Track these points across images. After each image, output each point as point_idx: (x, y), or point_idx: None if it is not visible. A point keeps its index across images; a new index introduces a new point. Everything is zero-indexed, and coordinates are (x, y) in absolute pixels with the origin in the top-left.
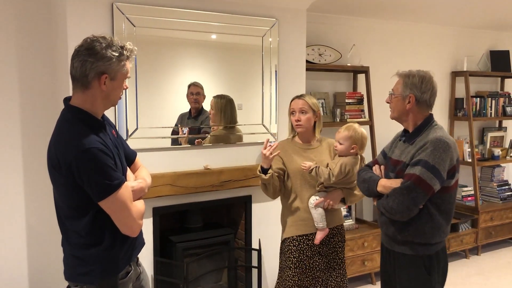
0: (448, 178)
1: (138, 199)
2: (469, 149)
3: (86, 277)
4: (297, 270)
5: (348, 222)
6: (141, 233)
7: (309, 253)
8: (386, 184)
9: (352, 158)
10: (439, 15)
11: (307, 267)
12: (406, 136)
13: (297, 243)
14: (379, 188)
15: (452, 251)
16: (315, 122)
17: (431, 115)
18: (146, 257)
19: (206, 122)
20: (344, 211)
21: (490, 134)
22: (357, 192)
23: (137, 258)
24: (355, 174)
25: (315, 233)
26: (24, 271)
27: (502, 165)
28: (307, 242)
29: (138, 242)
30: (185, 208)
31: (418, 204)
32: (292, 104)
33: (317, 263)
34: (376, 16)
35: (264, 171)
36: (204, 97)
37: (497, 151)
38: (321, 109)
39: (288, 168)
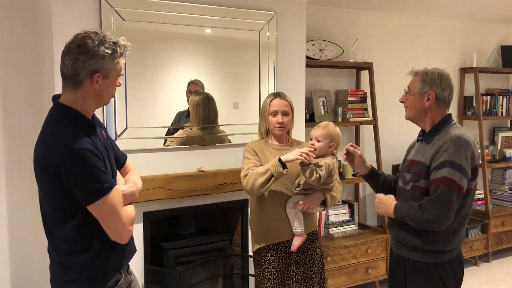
0: (471, 179)
1: (129, 204)
2: (479, 150)
3: (74, 285)
4: (276, 281)
5: (351, 228)
6: (132, 240)
7: (287, 260)
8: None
9: (332, 158)
10: (447, 8)
11: (286, 276)
12: (423, 136)
13: (274, 252)
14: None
15: None
16: None
17: (449, 115)
18: (136, 265)
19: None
20: (346, 216)
21: (501, 134)
22: (335, 193)
23: (128, 266)
24: (336, 173)
25: (291, 240)
26: (6, 279)
27: None
28: (285, 250)
29: (128, 249)
30: (177, 212)
31: (455, 208)
32: (271, 104)
33: (294, 273)
34: (380, 9)
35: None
36: None
37: (509, 152)
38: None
39: None
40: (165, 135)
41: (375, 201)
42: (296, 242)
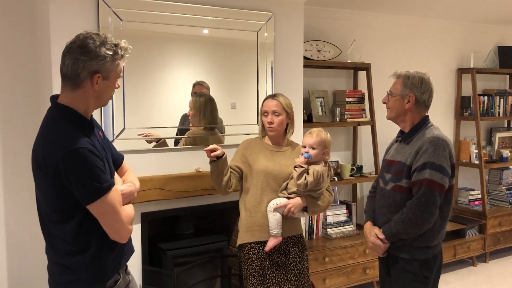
0: (451, 176)
1: (127, 203)
2: (476, 151)
3: (72, 286)
4: (261, 278)
5: (348, 228)
6: (130, 240)
7: (268, 262)
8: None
9: (324, 166)
10: (444, 9)
11: (269, 276)
12: (402, 137)
13: (256, 251)
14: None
15: (459, 258)
16: (287, 124)
17: (427, 116)
18: (134, 266)
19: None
20: (344, 216)
21: (498, 135)
22: (321, 203)
23: (126, 266)
24: (325, 182)
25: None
26: (3, 280)
27: (511, 167)
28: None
29: (127, 249)
30: (175, 213)
31: (438, 206)
32: (264, 104)
33: (274, 274)
34: (378, 10)
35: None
36: None
37: (506, 153)
38: (316, 109)
39: (251, 168)
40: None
41: (371, 248)
42: (270, 243)
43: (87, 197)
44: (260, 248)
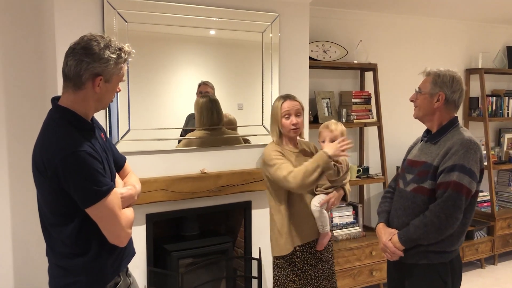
0: (479, 181)
1: (127, 206)
2: (485, 152)
3: None
4: (302, 282)
5: (355, 230)
6: (130, 242)
7: (313, 261)
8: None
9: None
10: (452, 8)
11: (312, 277)
12: (429, 136)
13: (300, 254)
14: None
15: (467, 260)
16: None
17: (456, 117)
18: (138, 267)
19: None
20: (350, 218)
21: (507, 136)
22: (348, 187)
23: (127, 268)
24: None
25: (315, 240)
26: (9, 281)
27: None
28: (310, 250)
29: (127, 252)
30: (180, 214)
31: (463, 211)
32: (285, 106)
33: (321, 271)
34: (385, 10)
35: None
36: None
37: None
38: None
39: None
40: (180, 136)
41: (385, 255)
42: (325, 241)
43: (86, 200)
44: (305, 249)
